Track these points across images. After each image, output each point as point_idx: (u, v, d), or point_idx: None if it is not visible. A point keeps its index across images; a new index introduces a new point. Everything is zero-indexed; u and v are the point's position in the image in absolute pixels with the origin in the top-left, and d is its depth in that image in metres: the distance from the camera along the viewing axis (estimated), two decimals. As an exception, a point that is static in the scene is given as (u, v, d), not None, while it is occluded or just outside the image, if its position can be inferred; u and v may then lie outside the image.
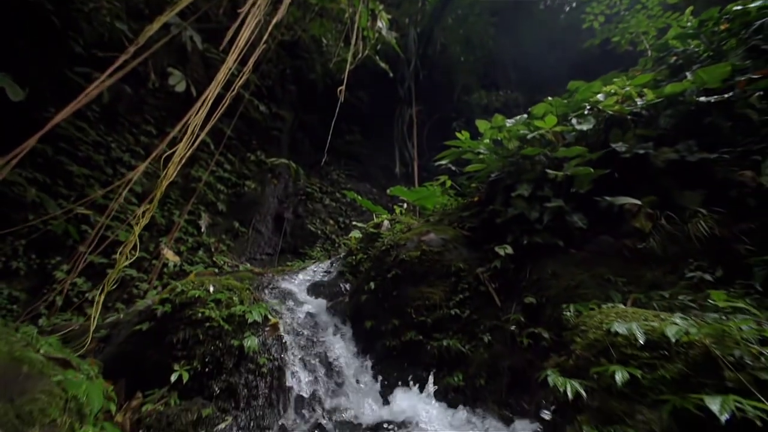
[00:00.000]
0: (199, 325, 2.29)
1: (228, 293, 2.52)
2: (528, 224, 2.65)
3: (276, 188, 7.54)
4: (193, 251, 6.41)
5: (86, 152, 5.70)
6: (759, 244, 2.04)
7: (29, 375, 1.32)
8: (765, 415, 1.03)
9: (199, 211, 6.71)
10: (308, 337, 2.49)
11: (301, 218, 7.42)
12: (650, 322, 1.40)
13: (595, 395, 1.30)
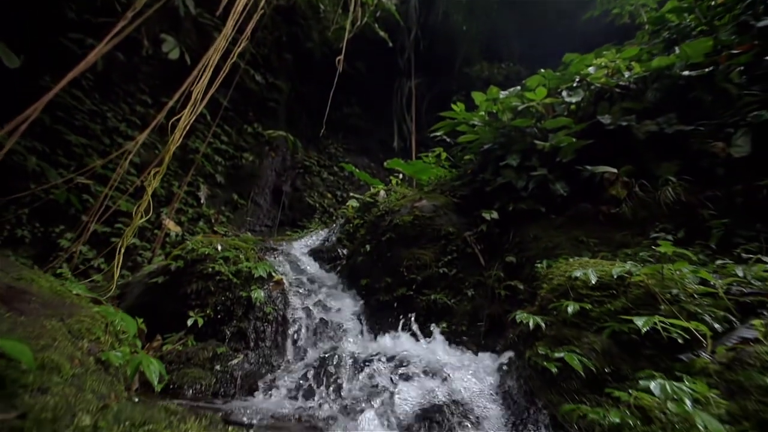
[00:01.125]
0: (210, 278, 2.55)
1: (235, 252, 2.77)
2: (515, 192, 2.86)
3: (274, 161, 7.65)
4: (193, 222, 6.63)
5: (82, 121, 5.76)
6: (722, 209, 2.28)
7: (72, 304, 1.57)
8: (685, 334, 1.29)
9: (198, 182, 6.86)
10: (309, 292, 2.77)
11: (299, 191, 7.60)
12: (604, 268, 1.65)
13: (552, 326, 1.57)
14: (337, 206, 7.35)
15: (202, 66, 3.01)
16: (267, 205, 7.32)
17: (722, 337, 1.27)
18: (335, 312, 2.63)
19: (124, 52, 5.80)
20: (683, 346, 1.26)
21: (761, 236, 2.07)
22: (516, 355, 1.63)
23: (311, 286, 2.88)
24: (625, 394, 1.02)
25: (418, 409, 1.35)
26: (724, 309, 1.37)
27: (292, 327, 2.38)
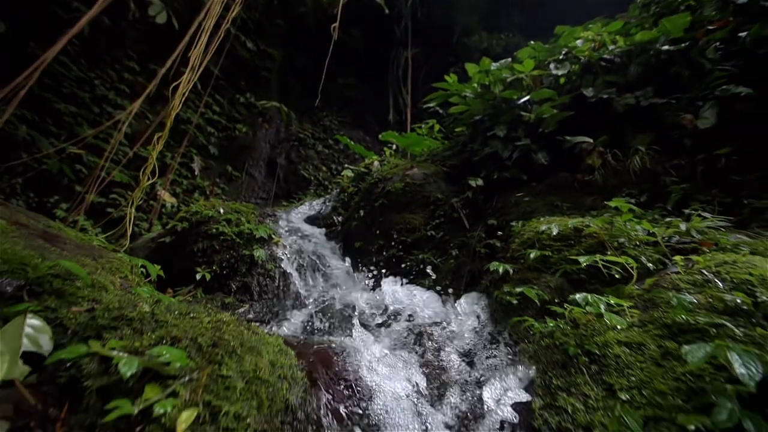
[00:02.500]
0: (214, 238, 2.79)
1: (236, 215, 3.00)
2: (500, 161, 3.09)
3: (267, 133, 7.71)
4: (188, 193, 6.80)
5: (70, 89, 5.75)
6: (684, 176, 2.55)
7: (99, 248, 1.81)
8: (622, 271, 1.59)
9: (191, 153, 6.95)
10: (307, 253, 3.04)
11: (293, 164, 7.73)
12: (566, 222, 1.93)
13: (518, 272, 1.87)
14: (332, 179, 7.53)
15: (196, 30, 3.08)
16: (262, 177, 7.47)
17: (654, 274, 1.56)
18: (331, 269, 2.92)
19: (110, 15, 5.69)
20: (619, 280, 1.56)
21: (715, 200, 2.36)
22: (487, 295, 1.93)
23: (309, 248, 3.15)
24: (561, 309, 1.32)
25: (405, 331, 1.66)
26: (661, 254, 1.67)
27: (292, 281, 2.67)
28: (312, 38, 7.95)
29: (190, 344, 0.94)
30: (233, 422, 0.81)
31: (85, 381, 0.87)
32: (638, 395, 0.95)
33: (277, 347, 1.03)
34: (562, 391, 1.03)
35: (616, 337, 1.12)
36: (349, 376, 1.09)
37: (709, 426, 0.83)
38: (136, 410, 0.77)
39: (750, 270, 1.26)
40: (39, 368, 0.94)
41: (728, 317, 1.10)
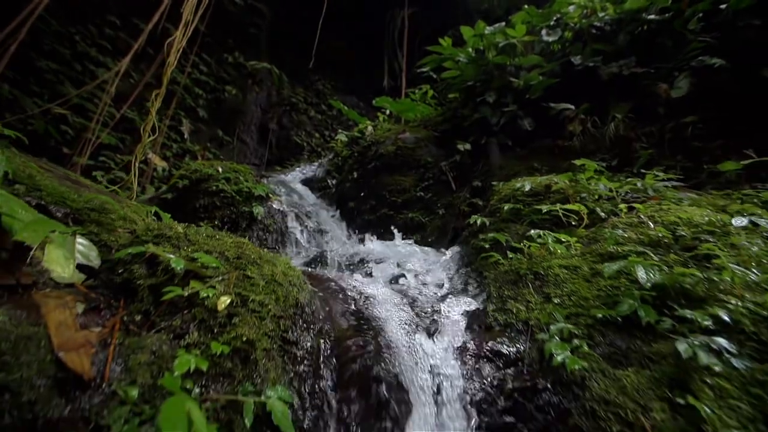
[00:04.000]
0: (215, 195, 3.02)
1: (235, 174, 3.21)
2: (489, 127, 3.31)
3: (258, 96, 7.66)
4: (179, 157, 6.87)
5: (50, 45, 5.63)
6: (653, 143, 2.82)
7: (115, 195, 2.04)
8: (576, 216, 1.89)
9: (180, 116, 6.94)
10: (303, 211, 3.31)
11: (286, 130, 7.78)
12: (538, 180, 2.21)
13: (494, 223, 2.17)
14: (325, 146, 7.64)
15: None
16: (253, 143, 7.53)
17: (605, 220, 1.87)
18: (326, 227, 3.20)
19: (85, -38, 5.44)
20: (575, 225, 1.87)
21: (678, 165, 2.66)
22: (465, 244, 2.25)
23: (305, 207, 3.41)
24: (520, 245, 1.63)
25: (391, 273, 1.98)
26: (614, 206, 1.97)
27: (290, 236, 2.95)
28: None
29: (219, 256, 1.22)
30: (259, 307, 1.10)
31: (138, 281, 1.15)
32: (567, 300, 1.28)
33: (287, 264, 1.32)
34: (510, 299, 1.35)
35: (558, 262, 1.44)
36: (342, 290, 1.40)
37: (613, 315, 1.16)
38: (186, 293, 1.06)
39: (678, 215, 1.57)
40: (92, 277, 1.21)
41: (651, 248, 1.41)
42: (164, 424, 0.71)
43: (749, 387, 0.94)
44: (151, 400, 0.87)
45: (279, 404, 0.95)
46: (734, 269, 1.21)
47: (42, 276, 1.09)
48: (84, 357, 0.85)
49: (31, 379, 0.77)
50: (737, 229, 1.44)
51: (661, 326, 1.08)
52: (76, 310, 0.96)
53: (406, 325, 1.22)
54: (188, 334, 1.01)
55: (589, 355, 1.04)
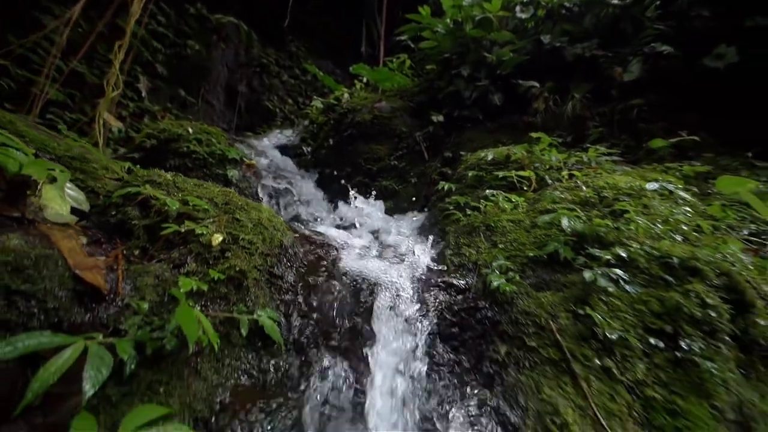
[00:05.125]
0: (186, 156, 3.04)
1: (206, 135, 3.22)
2: (462, 100, 3.52)
3: (225, 54, 7.29)
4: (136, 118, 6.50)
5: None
6: (605, 122, 3.19)
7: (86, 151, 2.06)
8: (525, 180, 2.19)
9: (136, 72, 6.49)
10: (279, 177, 3.41)
11: (256, 93, 7.53)
12: (500, 151, 2.48)
13: (459, 189, 2.44)
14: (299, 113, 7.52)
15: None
16: (220, 106, 7.24)
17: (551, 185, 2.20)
18: (302, 192, 3.34)
19: None
20: (526, 190, 2.17)
21: (622, 143, 3.05)
22: (433, 207, 2.51)
23: (281, 172, 3.50)
24: (476, 203, 1.91)
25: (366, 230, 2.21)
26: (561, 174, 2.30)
27: (266, 200, 3.08)
28: (275, -58, 7.21)
29: (209, 202, 1.37)
30: (248, 245, 1.29)
31: (132, 221, 1.29)
32: (509, 245, 1.58)
33: (271, 212, 1.50)
34: (465, 245, 1.63)
35: (506, 217, 1.73)
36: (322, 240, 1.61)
37: (541, 254, 1.47)
38: (183, 230, 1.22)
39: (606, 181, 1.90)
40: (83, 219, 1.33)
41: (580, 205, 1.74)
42: (181, 320, 0.91)
43: (635, 304, 1.29)
44: (159, 314, 1.06)
45: (269, 321, 1.17)
46: (640, 222, 1.56)
47: (37, 215, 1.20)
48: (98, 275, 1.01)
49: (53, 290, 0.93)
50: (651, 193, 1.80)
51: (576, 262, 1.40)
52: (81, 241, 1.10)
53: (378, 263, 1.47)
54: (186, 265, 1.18)
55: (519, 283, 1.35)
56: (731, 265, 1.47)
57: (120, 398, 0.89)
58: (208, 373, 1.02)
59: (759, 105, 2.95)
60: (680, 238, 1.58)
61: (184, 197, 1.32)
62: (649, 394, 1.08)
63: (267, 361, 1.13)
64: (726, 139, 3.08)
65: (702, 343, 1.19)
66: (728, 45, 3.05)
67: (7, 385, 0.83)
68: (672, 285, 1.31)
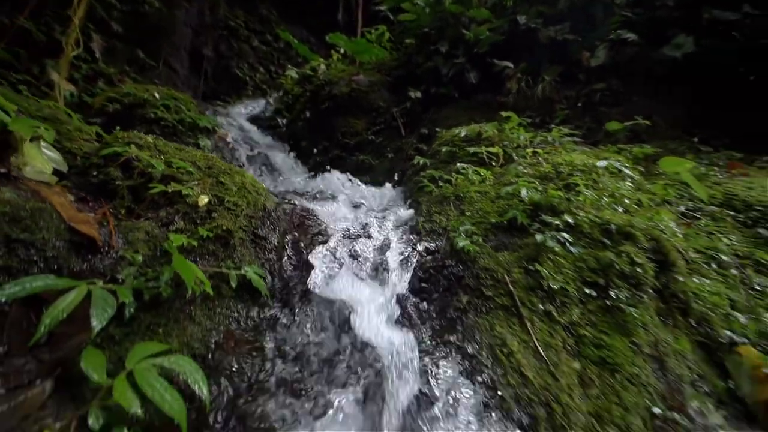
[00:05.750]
0: (154, 123, 2.98)
1: (174, 102, 3.15)
2: (439, 77, 3.64)
3: (188, 14, 6.85)
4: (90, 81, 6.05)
5: None
6: (570, 105, 3.46)
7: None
8: (494, 156, 2.40)
9: (89, 30, 5.98)
10: (253, 148, 3.42)
11: (225, 59, 7.20)
12: (472, 128, 2.67)
13: (433, 164, 2.61)
14: (271, 84, 7.30)
15: None
16: (184, 71, 6.86)
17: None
18: (278, 165, 3.39)
19: None
20: (485, 162, 2.38)
21: (585, 125, 3.33)
22: (408, 181, 2.68)
23: (255, 144, 3.51)
24: (448, 176, 2.09)
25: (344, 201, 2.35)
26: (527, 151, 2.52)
27: (241, 170, 3.10)
28: None
29: (191, 165, 1.45)
30: (234, 206, 1.40)
31: (116, 182, 1.35)
32: (475, 213, 1.79)
33: (253, 178, 1.60)
34: (436, 213, 1.83)
35: (475, 189, 1.93)
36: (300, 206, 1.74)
37: (502, 220, 1.68)
38: (170, 190, 1.30)
39: (564, 158, 2.14)
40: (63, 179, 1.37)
41: (539, 179, 1.96)
42: (178, 267, 1.03)
43: (576, 262, 1.54)
44: (152, 267, 1.16)
45: (255, 276, 1.30)
46: (588, 194, 1.81)
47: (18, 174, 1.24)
48: (92, 228, 1.09)
49: (51, 240, 1.01)
50: (601, 170, 2.06)
51: (531, 227, 1.63)
52: (69, 198, 1.16)
53: (354, 228, 1.62)
54: (174, 223, 1.28)
55: (481, 245, 1.56)
56: (661, 232, 1.76)
57: (123, 337, 1.01)
58: (201, 319, 1.15)
59: (708, 94, 3.32)
60: (621, 210, 1.86)
61: (167, 160, 1.39)
62: (581, 332, 1.34)
63: (255, 310, 1.27)
64: (677, 124, 3.45)
65: (628, 293, 1.47)
66: (687, 35, 3.34)
67: (14, 326, 0.92)
68: (608, 246, 1.57)
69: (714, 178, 2.73)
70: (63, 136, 1.48)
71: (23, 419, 0.80)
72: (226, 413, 0.95)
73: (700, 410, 1.34)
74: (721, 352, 1.59)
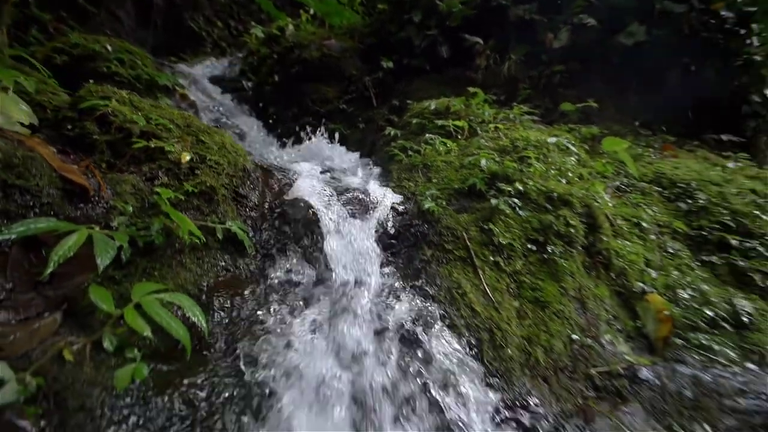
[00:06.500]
0: (107, 78, 2.85)
1: (128, 55, 3.01)
2: (412, 48, 3.76)
3: (133, -47, 6.19)
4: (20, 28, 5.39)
5: None
6: (533, 85, 3.77)
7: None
8: (460, 129, 2.65)
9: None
10: (218, 112, 3.38)
11: (177, 9, 6.67)
12: (441, 101, 2.88)
13: (404, 135, 2.81)
14: (233, 41, 6.92)
15: None
16: (130, 21, 6.27)
17: (482, 138, 2.69)
18: (246, 130, 3.40)
19: None
20: (452, 135, 2.63)
21: (544, 105, 3.67)
22: (379, 151, 2.87)
23: (219, 107, 3.47)
24: (417, 147, 2.31)
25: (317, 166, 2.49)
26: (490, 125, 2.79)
27: (206, 134, 3.09)
28: None
29: (170, 123, 1.52)
30: (216, 165, 1.51)
31: (93, 136, 1.40)
32: (441, 181, 2.03)
33: (231, 138, 1.70)
34: (405, 180, 2.05)
35: (441, 158, 2.17)
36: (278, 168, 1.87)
37: (463, 187, 1.94)
38: (153, 146, 1.39)
39: (521, 134, 2.43)
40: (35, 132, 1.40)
41: (498, 152, 2.24)
42: (175, 216, 1.16)
43: (523, 223, 1.85)
44: (142, 217, 1.28)
45: (239, 230, 1.46)
46: (537, 166, 2.12)
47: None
48: (81, 178, 1.17)
49: (45, 188, 1.09)
50: (551, 146, 2.38)
51: (488, 193, 1.91)
52: (51, 149, 1.22)
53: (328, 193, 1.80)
54: (158, 178, 1.38)
55: (445, 208, 1.82)
56: (594, 200, 2.13)
57: (122, 278, 1.14)
58: (191, 266, 1.30)
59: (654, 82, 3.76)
60: (564, 181, 2.19)
61: (145, 115, 1.45)
62: (522, 279, 1.67)
63: (240, 261, 1.44)
64: (624, 108, 3.90)
65: (562, 249, 1.81)
66: (640, 24, 3.71)
67: (16, 266, 1.03)
68: (549, 211, 1.90)
69: (648, 158, 3.20)
70: (28, 94, 1.47)
71: (40, 343, 0.94)
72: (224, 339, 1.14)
73: (612, 341, 1.74)
74: (633, 300, 2.01)
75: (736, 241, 2.43)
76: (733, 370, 1.76)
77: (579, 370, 1.41)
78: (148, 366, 0.97)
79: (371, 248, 1.53)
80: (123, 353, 0.98)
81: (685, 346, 1.79)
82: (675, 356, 1.73)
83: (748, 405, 1.57)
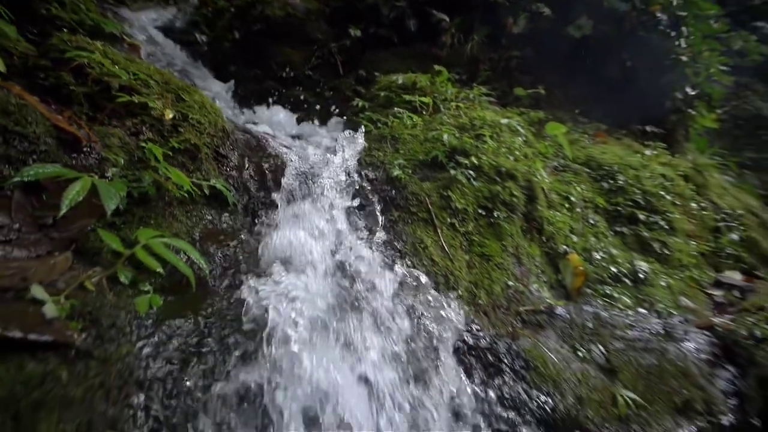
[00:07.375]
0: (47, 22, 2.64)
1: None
2: (380, 17, 3.89)
3: None
4: None
5: None
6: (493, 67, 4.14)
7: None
8: (425, 105, 2.93)
9: None
10: (173, 68, 3.27)
11: (108, -61, 5.92)
12: (409, 76, 3.12)
13: (371, 107, 3.02)
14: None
15: None
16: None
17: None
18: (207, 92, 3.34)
19: None
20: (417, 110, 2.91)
21: (501, 88, 4.07)
22: (348, 121, 3.05)
23: (174, 63, 3.35)
24: (386, 119, 2.55)
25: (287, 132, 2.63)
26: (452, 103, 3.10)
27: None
28: None
29: (149, 78, 1.60)
30: (198, 123, 1.63)
31: (70, 87, 1.45)
32: (407, 152, 2.32)
33: (209, 98, 1.80)
34: (375, 150, 2.30)
35: (408, 132, 2.45)
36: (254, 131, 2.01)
37: (427, 158, 2.25)
38: (137, 101, 1.48)
39: (478, 114, 2.78)
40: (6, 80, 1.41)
41: (458, 128, 2.56)
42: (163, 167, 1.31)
43: (476, 192, 2.21)
44: (131, 170, 1.39)
45: (223, 187, 1.62)
46: (491, 144, 2.49)
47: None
48: (72, 127, 1.26)
49: (41, 135, 1.18)
50: (504, 126, 2.76)
51: (448, 165, 2.24)
52: (34, 97, 1.27)
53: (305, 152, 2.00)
54: (143, 134, 1.48)
55: (411, 176, 2.12)
56: (534, 176, 2.56)
57: (122, 224, 1.28)
58: (182, 218, 1.46)
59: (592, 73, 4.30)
60: (512, 158, 2.60)
61: (124, 69, 1.51)
62: (472, 238, 2.04)
63: (224, 216, 1.61)
64: (569, 96, 4.45)
65: (505, 214, 2.22)
66: (589, 18, 4.18)
67: (20, 209, 1.13)
68: (498, 182, 2.29)
69: (582, 143, 3.77)
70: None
71: (60, 275, 1.07)
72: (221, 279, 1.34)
73: (538, 289, 2.21)
74: (557, 258, 2.51)
75: (643, 216, 3.05)
76: (627, 312, 2.34)
77: (512, 308, 1.83)
78: (160, 297, 1.16)
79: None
80: (137, 286, 1.15)
81: (593, 295, 2.34)
82: (585, 301, 2.26)
83: (634, 335, 2.15)
